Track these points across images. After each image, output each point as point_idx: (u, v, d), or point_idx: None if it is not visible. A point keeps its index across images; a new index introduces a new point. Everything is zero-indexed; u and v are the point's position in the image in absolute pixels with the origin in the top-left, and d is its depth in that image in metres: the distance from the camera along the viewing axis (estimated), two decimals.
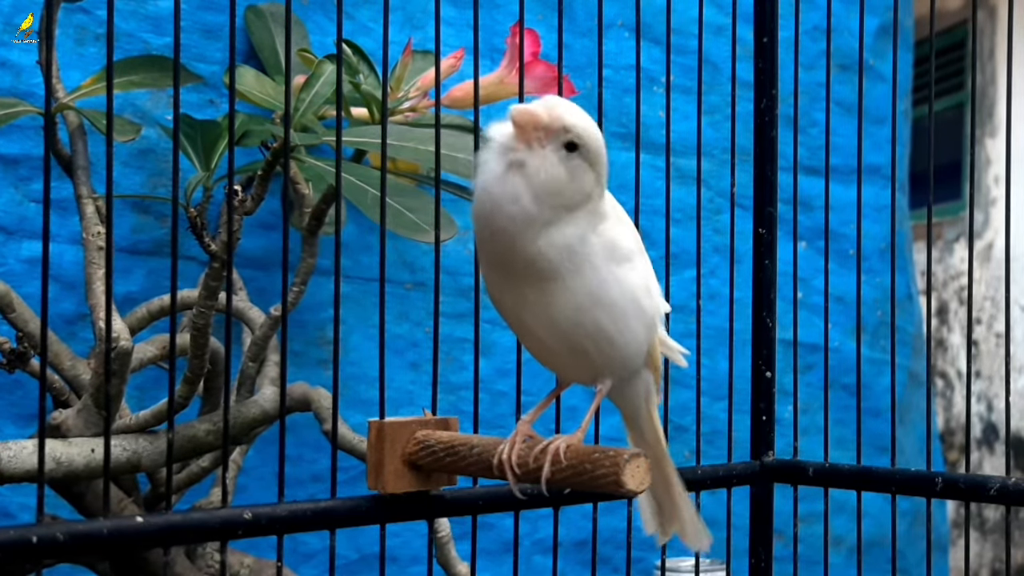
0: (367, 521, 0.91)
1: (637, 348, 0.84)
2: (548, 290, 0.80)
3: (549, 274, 0.79)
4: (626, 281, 0.82)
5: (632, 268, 0.83)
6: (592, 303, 0.80)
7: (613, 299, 0.81)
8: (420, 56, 1.32)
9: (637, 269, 0.83)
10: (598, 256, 0.80)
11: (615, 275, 0.81)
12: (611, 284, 0.81)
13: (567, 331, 0.81)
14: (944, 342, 4.40)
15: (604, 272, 0.80)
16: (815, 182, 1.65)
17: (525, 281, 0.80)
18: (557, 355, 0.84)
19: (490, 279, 0.83)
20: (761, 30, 1.27)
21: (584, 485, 0.82)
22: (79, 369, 1.21)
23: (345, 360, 1.50)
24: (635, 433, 0.94)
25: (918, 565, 1.91)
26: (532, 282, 0.80)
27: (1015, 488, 1.06)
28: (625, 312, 0.82)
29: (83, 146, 1.23)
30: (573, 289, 0.80)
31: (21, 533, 0.75)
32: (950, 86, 4.29)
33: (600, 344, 0.82)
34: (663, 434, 0.94)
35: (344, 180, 1.13)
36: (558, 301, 0.80)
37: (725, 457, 1.21)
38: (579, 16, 1.69)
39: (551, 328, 0.82)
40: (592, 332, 0.81)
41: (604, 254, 0.81)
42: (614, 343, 0.82)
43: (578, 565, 1.57)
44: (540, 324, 0.82)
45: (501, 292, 0.82)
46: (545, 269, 0.79)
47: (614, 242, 0.81)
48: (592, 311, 0.80)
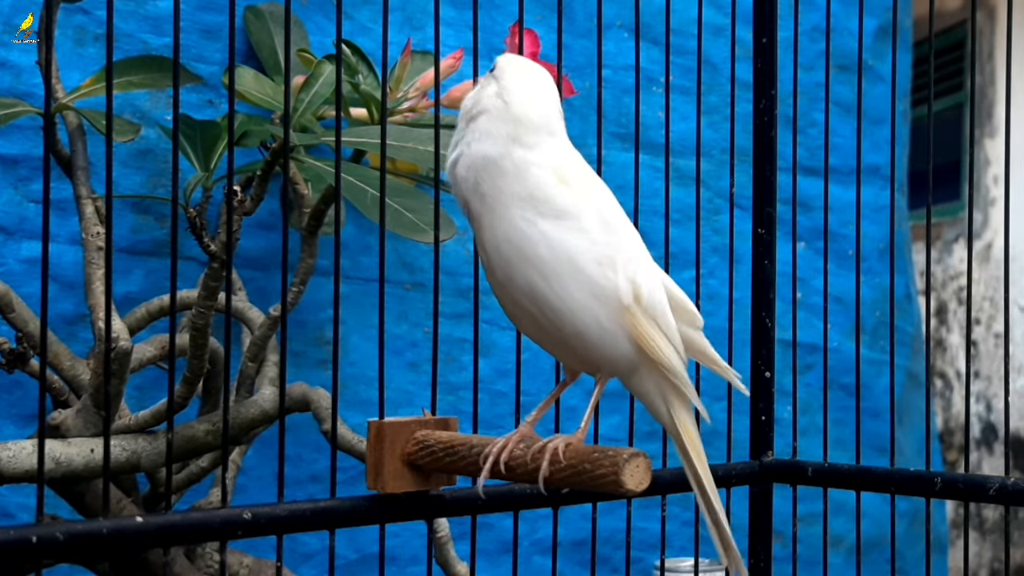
0: (366, 521, 0.91)
1: (596, 325, 0.80)
2: (479, 234, 0.81)
3: (465, 197, 0.81)
4: (555, 238, 0.78)
5: (568, 229, 0.79)
6: (517, 256, 0.78)
7: (540, 256, 0.78)
8: (419, 56, 1.32)
9: (584, 231, 0.80)
10: (512, 199, 0.79)
11: (539, 228, 0.78)
12: (532, 237, 0.78)
13: (504, 285, 0.80)
14: (943, 342, 4.40)
15: (519, 220, 0.78)
16: (814, 182, 1.65)
17: (469, 219, 0.82)
18: (522, 324, 0.83)
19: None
20: (760, 31, 1.28)
21: (584, 485, 0.82)
22: (78, 369, 1.21)
23: (344, 360, 1.50)
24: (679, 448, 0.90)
25: (917, 565, 1.91)
26: (471, 221, 0.82)
27: (1014, 488, 1.06)
28: (559, 273, 0.78)
29: (82, 146, 1.23)
30: (494, 232, 0.80)
31: (21, 533, 0.75)
32: (949, 86, 4.29)
33: (543, 309, 0.79)
34: (698, 445, 0.88)
35: (343, 180, 1.13)
36: (486, 245, 0.81)
37: (724, 457, 1.21)
38: (578, 16, 1.69)
39: (495, 284, 0.82)
40: (526, 291, 0.79)
41: (524, 201, 0.79)
42: (556, 310, 0.79)
43: (577, 565, 1.57)
44: (491, 280, 0.82)
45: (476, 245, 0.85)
46: (462, 190, 0.81)
47: (541, 191, 0.79)
48: (519, 264, 0.79)
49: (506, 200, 0.79)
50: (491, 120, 0.81)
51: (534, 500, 1.02)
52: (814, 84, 1.68)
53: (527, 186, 0.79)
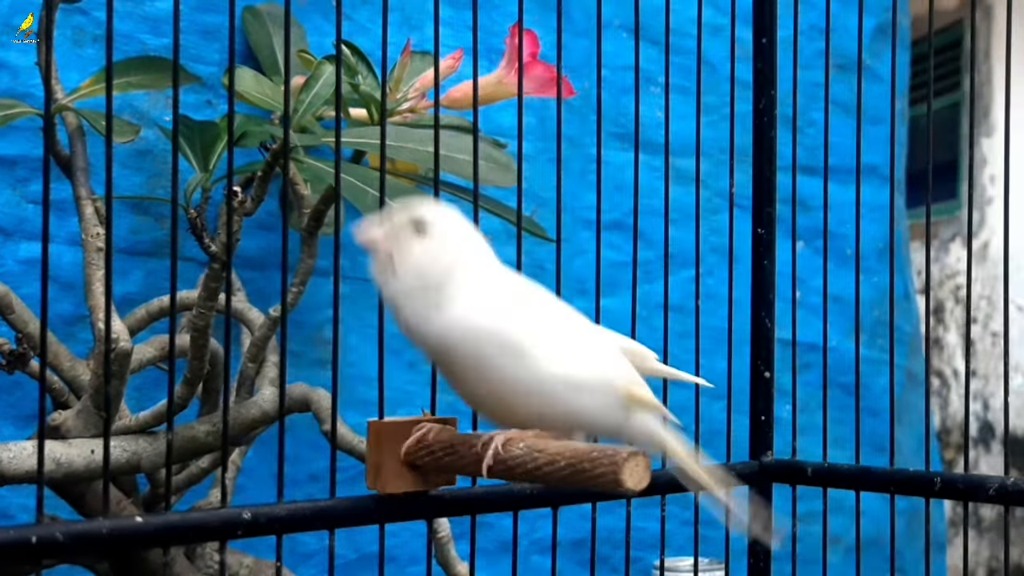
0: (366, 521, 0.91)
1: (600, 412, 0.85)
2: (464, 381, 0.84)
3: (455, 361, 0.83)
4: (542, 375, 0.82)
5: (539, 358, 0.82)
6: (507, 408, 0.83)
7: (529, 400, 0.82)
8: (419, 57, 1.32)
9: (554, 353, 0.82)
10: (485, 364, 0.81)
11: (520, 375, 0.82)
12: (518, 387, 0.82)
13: (499, 420, 0.85)
14: (940, 341, 4.41)
15: (497, 375, 0.81)
16: (813, 182, 1.65)
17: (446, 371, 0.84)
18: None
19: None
20: (759, 30, 1.28)
21: (583, 484, 0.82)
22: (78, 370, 1.21)
23: (344, 360, 1.50)
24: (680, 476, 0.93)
25: (916, 564, 1.91)
26: (450, 374, 0.84)
27: (1014, 488, 1.07)
28: (555, 401, 0.83)
29: (82, 147, 1.23)
30: (477, 393, 0.84)
31: (20, 533, 0.75)
32: (946, 86, 4.29)
33: (544, 424, 0.84)
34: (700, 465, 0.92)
35: (343, 181, 1.13)
36: (469, 398, 0.85)
37: (724, 457, 1.21)
38: (577, 16, 1.69)
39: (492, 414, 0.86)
40: (524, 418, 0.84)
41: (498, 350, 0.81)
42: (557, 422, 0.84)
43: (577, 565, 1.57)
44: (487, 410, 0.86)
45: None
46: (453, 356, 0.82)
47: (504, 340, 0.81)
48: (512, 407, 0.83)
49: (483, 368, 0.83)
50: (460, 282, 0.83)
51: (533, 500, 1.02)
52: (813, 83, 1.67)
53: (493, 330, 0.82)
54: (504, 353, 0.81)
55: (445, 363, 0.84)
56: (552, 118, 0.96)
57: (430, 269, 0.82)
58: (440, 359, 0.84)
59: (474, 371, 0.82)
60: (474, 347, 0.81)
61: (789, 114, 1.25)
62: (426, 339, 0.83)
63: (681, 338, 1.26)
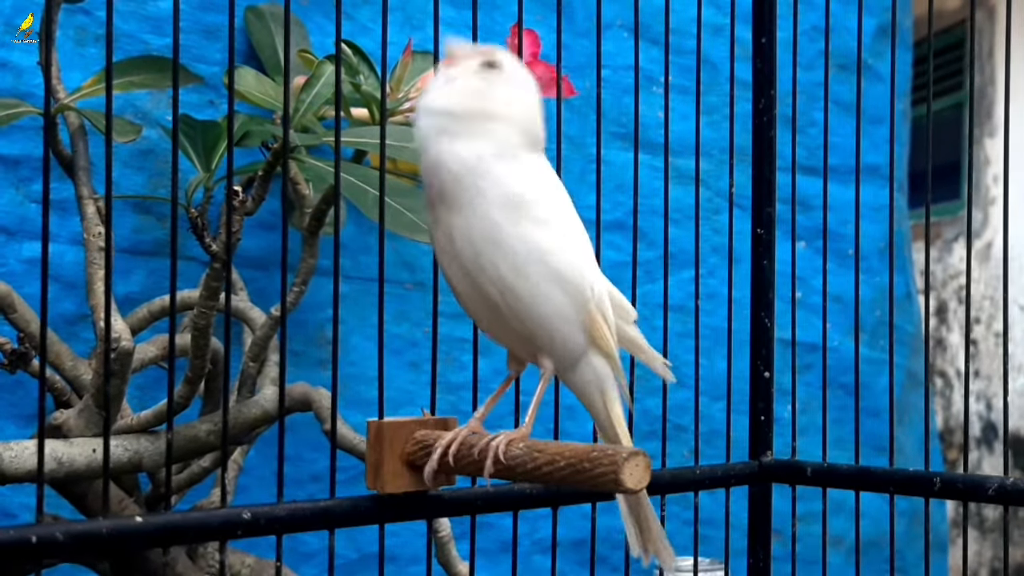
0: (365, 521, 0.91)
1: (558, 316, 0.85)
2: (452, 222, 0.83)
3: (446, 193, 0.82)
4: (531, 236, 0.83)
5: (543, 229, 0.84)
6: (492, 248, 0.82)
7: (515, 250, 0.82)
8: (420, 57, 1.33)
9: (552, 230, 0.84)
10: (496, 201, 0.82)
11: (517, 229, 0.82)
12: (511, 236, 0.82)
13: (471, 272, 0.84)
14: (943, 341, 4.40)
15: (499, 218, 0.82)
16: (814, 182, 1.65)
17: (438, 210, 0.83)
18: (475, 308, 0.86)
19: (430, 226, 0.86)
20: (760, 30, 1.28)
21: (583, 483, 0.82)
22: (80, 369, 1.21)
23: (345, 360, 1.50)
24: (598, 426, 0.95)
25: (917, 565, 1.91)
26: (441, 212, 0.83)
27: (1013, 488, 1.07)
28: (529, 269, 0.83)
29: (84, 147, 1.23)
30: (470, 225, 0.82)
31: (20, 533, 0.75)
32: (949, 86, 4.29)
33: (506, 296, 0.84)
34: (626, 430, 0.94)
35: (344, 180, 1.14)
36: (458, 235, 0.83)
37: (724, 457, 1.21)
38: (578, 17, 1.69)
39: (458, 270, 0.84)
40: (494, 279, 0.83)
41: (502, 200, 0.82)
42: (520, 298, 0.84)
43: (577, 565, 1.57)
44: (452, 269, 0.85)
45: (432, 227, 0.85)
46: (444, 181, 0.82)
47: (520, 190, 0.83)
48: (491, 256, 0.82)
49: (491, 199, 0.82)
50: (498, 124, 0.84)
51: (534, 500, 1.02)
52: (813, 83, 1.68)
53: (512, 191, 0.83)
54: (510, 205, 0.82)
55: (450, 197, 0.83)
56: (552, 118, 0.97)
57: (480, 97, 0.83)
58: (433, 179, 0.83)
59: (471, 209, 0.82)
60: (491, 188, 0.82)
61: (789, 114, 1.25)
62: (446, 163, 0.82)
63: (681, 338, 1.26)
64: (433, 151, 0.83)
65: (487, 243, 0.82)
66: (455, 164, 0.82)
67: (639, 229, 1.19)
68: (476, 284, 0.84)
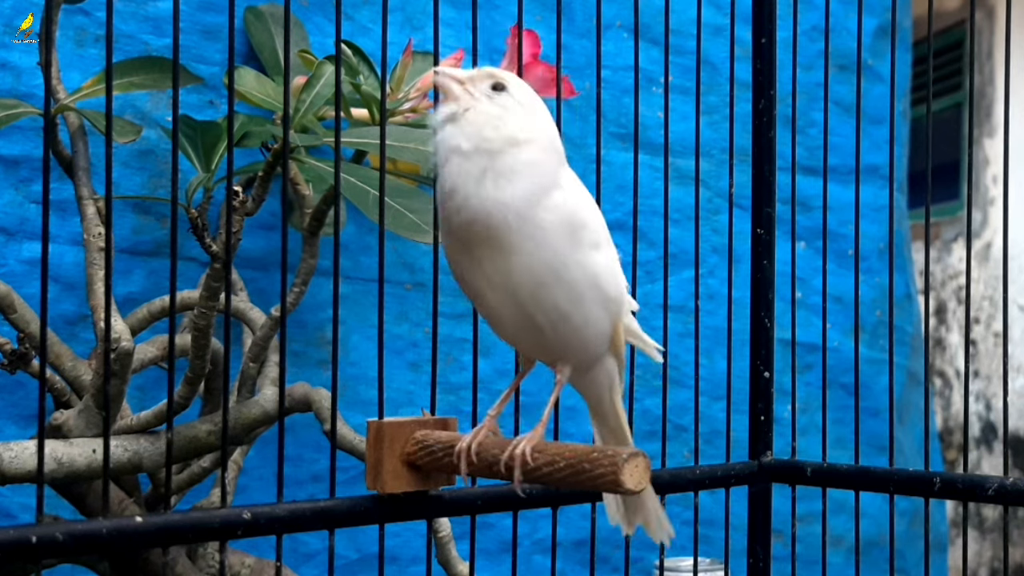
0: (365, 521, 0.91)
1: (597, 332, 0.85)
2: (505, 261, 0.81)
3: (500, 239, 0.80)
4: (588, 262, 0.82)
5: (596, 253, 0.84)
6: (554, 280, 0.81)
7: (574, 279, 0.82)
8: (420, 57, 1.33)
9: (602, 251, 0.84)
10: (555, 230, 0.80)
11: (576, 256, 0.81)
12: (571, 264, 0.81)
13: (526, 306, 0.82)
14: (943, 341, 4.40)
15: (562, 248, 0.81)
16: (813, 182, 1.65)
17: (482, 250, 0.81)
18: (515, 331, 0.85)
19: (452, 254, 0.84)
20: (759, 30, 1.28)
21: (583, 484, 0.82)
22: (80, 370, 1.21)
23: (345, 360, 1.50)
24: (599, 422, 0.95)
25: (917, 565, 1.91)
26: (488, 251, 0.81)
27: (1013, 488, 1.07)
28: (584, 296, 0.82)
29: (84, 147, 1.23)
30: (530, 263, 0.80)
31: (20, 533, 0.75)
32: (948, 86, 4.29)
33: (557, 324, 0.83)
34: (627, 424, 0.95)
35: (344, 181, 1.14)
36: (517, 271, 0.81)
37: (724, 457, 1.21)
38: (578, 17, 1.69)
39: (510, 303, 0.82)
40: (549, 309, 0.82)
41: (563, 229, 0.81)
42: (571, 322, 0.83)
43: (577, 565, 1.57)
44: (499, 299, 0.83)
45: (462, 267, 0.83)
46: (495, 230, 0.79)
47: (576, 216, 0.81)
48: (552, 289, 0.81)
49: (550, 230, 0.80)
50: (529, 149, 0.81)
51: (534, 500, 1.02)
52: (813, 84, 1.68)
53: (573, 219, 0.82)
54: (569, 231, 0.81)
55: (503, 242, 0.80)
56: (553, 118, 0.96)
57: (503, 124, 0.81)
58: (480, 228, 0.80)
59: (533, 244, 0.80)
60: (550, 219, 0.80)
61: (789, 114, 1.26)
62: (497, 212, 0.79)
63: (682, 338, 1.26)
64: (475, 199, 0.79)
65: (549, 274, 0.81)
66: (508, 213, 0.79)
67: (639, 229, 1.19)
68: (527, 314, 0.83)
